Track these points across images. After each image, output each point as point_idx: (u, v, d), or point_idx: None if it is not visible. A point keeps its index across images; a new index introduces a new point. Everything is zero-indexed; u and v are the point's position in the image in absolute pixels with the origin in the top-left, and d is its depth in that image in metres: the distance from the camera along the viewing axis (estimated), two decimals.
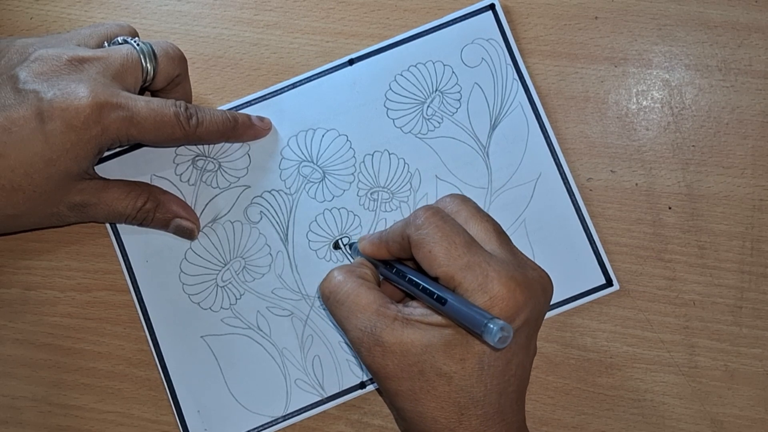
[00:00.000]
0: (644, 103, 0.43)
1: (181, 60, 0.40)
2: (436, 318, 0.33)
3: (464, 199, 0.37)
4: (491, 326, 0.30)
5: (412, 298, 0.37)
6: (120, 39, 0.40)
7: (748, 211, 0.42)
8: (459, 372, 0.33)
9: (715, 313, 0.42)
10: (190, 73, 0.42)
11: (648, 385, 0.42)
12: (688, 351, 0.42)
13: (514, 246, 0.36)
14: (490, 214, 0.37)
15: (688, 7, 0.44)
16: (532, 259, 0.36)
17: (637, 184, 0.43)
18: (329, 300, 0.36)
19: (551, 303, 0.41)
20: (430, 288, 0.34)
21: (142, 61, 0.39)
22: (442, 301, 0.32)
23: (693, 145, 0.43)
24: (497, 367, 0.33)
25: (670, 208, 0.43)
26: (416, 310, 0.34)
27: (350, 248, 0.42)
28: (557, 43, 0.44)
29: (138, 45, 0.39)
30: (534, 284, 0.33)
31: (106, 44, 0.40)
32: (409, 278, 0.35)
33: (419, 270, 0.36)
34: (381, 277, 0.39)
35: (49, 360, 0.43)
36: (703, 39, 0.44)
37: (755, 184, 0.42)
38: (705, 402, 0.41)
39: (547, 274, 0.35)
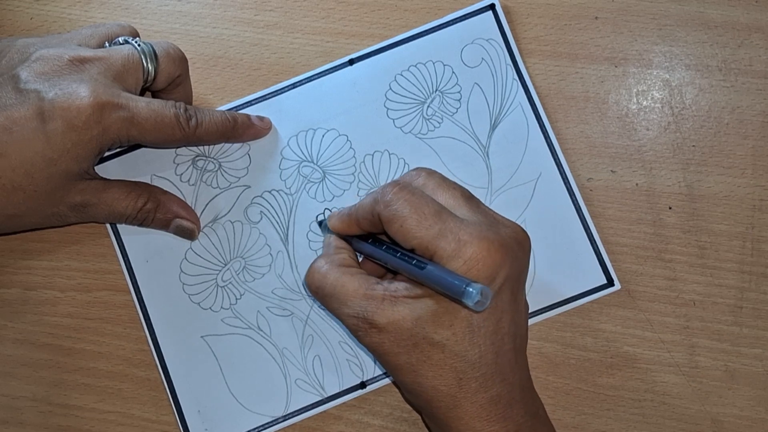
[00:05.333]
0: (644, 103, 0.43)
1: (182, 60, 0.40)
2: (420, 290, 0.34)
3: (429, 172, 0.38)
4: (470, 290, 0.30)
5: (393, 273, 0.37)
6: (121, 39, 0.40)
7: (749, 211, 0.42)
8: (450, 338, 0.33)
9: (715, 313, 0.42)
10: (190, 73, 0.42)
11: (648, 385, 0.42)
12: (688, 351, 0.42)
13: (485, 207, 0.37)
14: None
15: (688, 7, 0.44)
16: (534, 264, 0.36)
17: (637, 184, 0.43)
18: (318, 294, 0.37)
19: (557, 301, 0.42)
20: (408, 254, 0.34)
21: (143, 61, 0.39)
22: (420, 266, 0.33)
23: (693, 145, 0.43)
24: (487, 327, 0.34)
25: (670, 208, 0.43)
26: (401, 285, 0.35)
27: (320, 226, 0.43)
28: (557, 43, 0.44)
29: (139, 45, 0.39)
30: (509, 241, 0.34)
31: (107, 44, 0.40)
32: (386, 246, 0.36)
33: (395, 245, 0.36)
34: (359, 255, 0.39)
35: (49, 360, 0.43)
36: (703, 39, 0.44)
37: (755, 184, 0.42)
38: (705, 402, 0.41)
39: (521, 227, 0.36)
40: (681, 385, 0.41)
